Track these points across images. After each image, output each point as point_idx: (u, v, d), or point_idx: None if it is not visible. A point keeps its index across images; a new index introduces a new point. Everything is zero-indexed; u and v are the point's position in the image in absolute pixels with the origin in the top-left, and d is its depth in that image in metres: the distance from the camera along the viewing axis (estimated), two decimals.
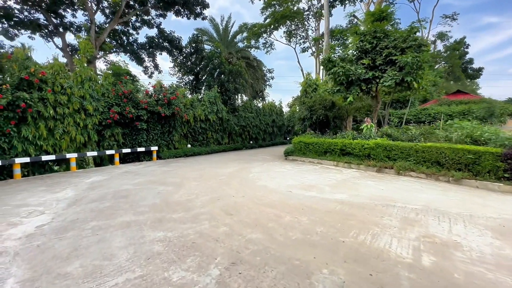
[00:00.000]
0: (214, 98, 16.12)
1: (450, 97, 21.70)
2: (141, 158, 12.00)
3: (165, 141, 13.03)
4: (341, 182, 6.90)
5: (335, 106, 13.68)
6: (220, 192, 5.93)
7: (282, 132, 25.25)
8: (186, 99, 14.12)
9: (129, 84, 11.18)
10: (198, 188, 6.35)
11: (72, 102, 9.13)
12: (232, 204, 4.94)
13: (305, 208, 4.66)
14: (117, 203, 5.13)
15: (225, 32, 21.77)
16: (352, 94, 10.10)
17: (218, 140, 17.03)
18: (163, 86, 12.22)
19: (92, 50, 10.76)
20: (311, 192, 5.79)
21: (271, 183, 6.87)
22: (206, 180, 7.24)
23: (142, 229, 3.80)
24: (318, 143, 10.98)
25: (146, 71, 18.57)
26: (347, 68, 9.75)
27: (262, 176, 7.80)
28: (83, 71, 9.72)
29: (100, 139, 10.58)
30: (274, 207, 4.73)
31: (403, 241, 3.30)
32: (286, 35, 38.89)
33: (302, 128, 15.01)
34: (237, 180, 7.22)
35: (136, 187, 6.53)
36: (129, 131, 11.35)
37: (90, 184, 6.92)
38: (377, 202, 4.95)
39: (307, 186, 6.45)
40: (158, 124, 12.36)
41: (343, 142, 9.80)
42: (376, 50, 10.64)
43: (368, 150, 8.89)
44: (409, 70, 9.30)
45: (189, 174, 8.34)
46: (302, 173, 8.27)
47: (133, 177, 7.91)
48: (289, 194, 5.64)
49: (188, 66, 18.25)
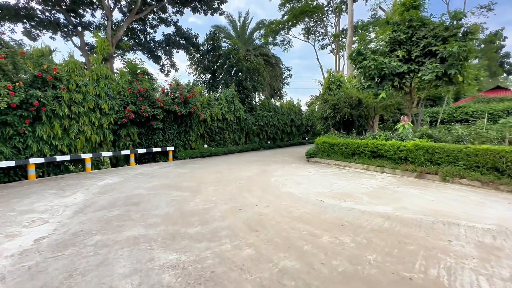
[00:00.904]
0: (232, 96, 15.53)
1: (488, 94, 19.74)
2: (157, 159, 11.62)
3: (182, 141, 12.59)
4: (378, 189, 5.98)
5: (362, 104, 12.60)
6: (241, 200, 5.23)
7: (300, 132, 24.28)
8: (203, 98, 13.62)
9: (145, 82, 10.80)
10: (216, 194, 5.69)
11: (87, 100, 8.83)
12: (256, 217, 4.22)
13: (346, 224, 3.85)
14: (127, 211, 4.58)
15: (242, 29, 21.16)
16: (384, 90, 9.07)
17: (235, 140, 16.44)
18: (179, 84, 11.77)
19: (108, 47, 10.52)
20: (347, 203, 4.95)
21: (297, 189, 6.09)
22: (225, 185, 6.59)
23: (152, 247, 3.18)
24: (344, 144, 10.04)
25: (162, 70, 18.36)
26: (380, 61, 8.74)
27: (285, 181, 7.03)
28: (99, 69, 9.42)
29: (116, 139, 10.27)
30: (307, 222, 3.95)
31: (496, 283, 2.43)
32: (304, 32, 37.74)
33: (324, 128, 14.04)
34: (259, 186, 6.50)
35: (150, 192, 5.99)
36: (145, 131, 10.99)
37: (102, 188, 6.48)
38: (433, 218, 4.03)
39: (340, 194, 5.61)
40: (174, 123, 11.93)
41: (375, 144, 8.80)
42: (412, 41, 9.53)
43: (406, 152, 7.86)
44: (453, 61, 8.15)
45: (206, 177, 7.73)
46: (330, 178, 7.42)
47: (147, 180, 7.42)
48: (321, 205, 4.84)
49: (205, 64, 17.81)
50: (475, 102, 17.41)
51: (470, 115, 15.58)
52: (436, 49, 8.66)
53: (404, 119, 8.36)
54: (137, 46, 16.49)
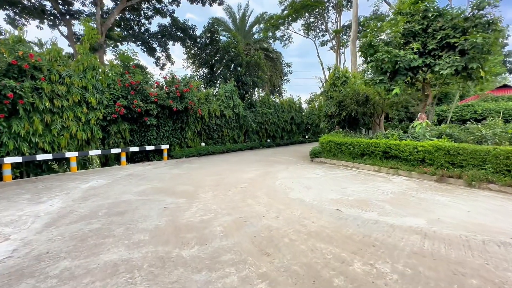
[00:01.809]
0: (231, 92, 14.74)
1: (495, 92, 19.20)
2: (151, 158, 10.81)
3: (177, 139, 11.79)
4: (399, 196, 5.29)
5: (369, 101, 11.91)
6: (246, 209, 4.49)
7: (300, 130, 23.58)
8: (201, 93, 12.82)
9: (137, 74, 9.96)
10: (216, 201, 4.94)
11: (72, 93, 7.98)
12: (265, 233, 3.48)
13: (377, 244, 3.13)
14: (109, 223, 3.81)
15: (242, 22, 20.29)
16: (398, 85, 8.36)
17: (234, 138, 15.67)
18: (175, 77, 10.94)
19: (97, 36, 9.63)
20: (369, 213, 4.24)
21: (307, 195, 5.36)
22: (225, 189, 5.84)
23: (134, 281, 2.42)
24: (353, 143, 9.34)
25: (157, 63, 17.38)
26: (394, 53, 8.01)
27: (292, 184, 6.31)
28: (86, 59, 8.56)
29: (105, 136, 9.44)
30: (328, 241, 3.23)
31: None
32: (304, 28, 36.86)
33: (328, 126, 13.33)
34: (264, 190, 5.76)
35: (139, 197, 5.21)
36: (137, 128, 10.17)
37: (85, 192, 5.68)
38: (481, 236, 3.34)
39: (357, 201, 4.90)
40: (169, 119, 11.12)
41: (387, 143, 8.11)
42: (428, 33, 8.82)
43: (423, 153, 7.17)
44: (475, 54, 7.47)
45: (204, 179, 6.97)
46: (341, 181, 6.71)
47: (138, 182, 6.63)
48: (339, 216, 4.12)
49: (203, 58, 16.94)
50: (482, 101, 16.84)
51: (479, 113, 15.00)
52: (455, 41, 7.96)
53: (421, 116, 7.67)
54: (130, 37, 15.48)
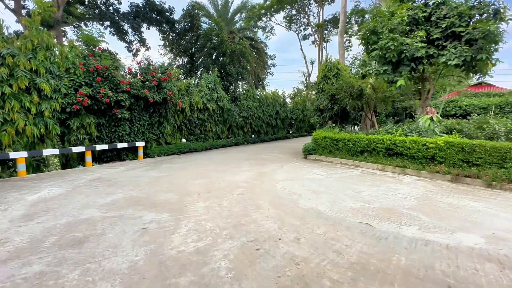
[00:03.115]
0: (214, 83, 13.44)
1: (473, 89, 19.85)
2: (123, 157, 9.29)
3: (154, 135, 10.34)
4: (425, 201, 4.55)
5: (364, 94, 11.32)
6: (252, 227, 3.44)
7: (285, 125, 22.86)
8: (181, 83, 11.41)
9: (105, 59, 8.35)
10: (210, 215, 3.84)
11: (17, 77, 6.30)
12: (293, 269, 2.47)
13: (452, 283, 2.26)
14: (58, 263, 2.57)
15: (224, 8, 18.83)
16: (403, 76, 7.71)
17: (218, 134, 14.43)
18: (151, 63, 9.44)
19: (52, 9, 7.86)
20: (407, 228, 3.41)
21: (320, 203, 4.45)
22: (219, 197, 4.73)
23: None
24: (352, 139, 8.63)
25: (129, 48, 15.26)
26: (401, 40, 7.31)
27: (296, 188, 5.37)
28: (36, 35, 6.85)
29: (65, 132, 7.81)
30: (386, 280, 2.30)
31: None
32: (286, 21, 36.03)
33: (319, 120, 12.62)
34: (266, 198, 4.74)
35: (107, 213, 3.94)
36: (106, 122, 8.60)
37: (31, 206, 4.27)
38: None
39: (383, 211, 4.07)
40: (145, 112, 9.64)
41: (392, 140, 7.47)
42: (431, 21, 8.28)
43: (433, 151, 6.58)
44: (484, 44, 7.00)
45: (191, 183, 5.78)
46: (349, 183, 5.90)
47: (107, 189, 5.28)
48: (374, 234, 3.23)
49: (182, 45, 15.34)
50: (465, 96, 17.21)
51: (464, 109, 15.23)
52: (461, 30, 7.45)
53: (431, 110, 7.08)
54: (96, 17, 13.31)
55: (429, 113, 7.00)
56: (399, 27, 7.64)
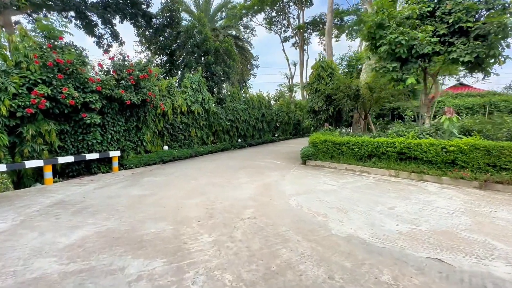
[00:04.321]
0: (198, 83, 12.19)
1: (453, 90, 20.50)
2: (94, 170, 7.75)
3: (132, 142, 8.89)
4: (477, 217, 3.81)
5: (360, 95, 10.77)
6: (290, 276, 2.40)
7: (270, 128, 22.03)
8: (162, 82, 10.06)
9: (68, 53, 6.83)
10: (224, 258, 2.73)
11: None
12: None
13: None
14: None
15: (206, 4, 17.60)
16: (411, 74, 7.14)
17: (203, 139, 13.14)
18: (127, 58, 8.04)
19: None
20: (495, 264, 2.58)
21: (357, 227, 3.53)
22: (227, 225, 3.62)
23: None
24: (357, 143, 7.91)
25: (100, 42, 13.27)
26: (412, 35, 6.72)
27: (315, 206, 4.42)
28: None
29: (16, 142, 6.20)
30: None
31: None
32: (266, 23, 35.54)
33: (314, 123, 11.87)
34: (287, 222, 3.72)
35: (71, 266, 2.68)
36: (71, 128, 7.08)
37: None
38: None
39: (439, 235, 3.24)
40: (120, 116, 8.19)
41: (405, 142, 6.82)
42: (435, 17, 7.84)
43: (454, 154, 6.00)
44: (495, 40, 6.61)
45: (184, 204, 4.59)
46: (370, 195, 5.08)
47: (71, 221, 3.93)
48: (463, 279, 2.36)
49: (161, 42, 13.89)
50: (448, 97, 17.55)
51: None
52: (469, 26, 7.05)
53: (449, 110, 6.53)
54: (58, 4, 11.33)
55: (447, 113, 6.46)
56: (408, 21, 7.07)
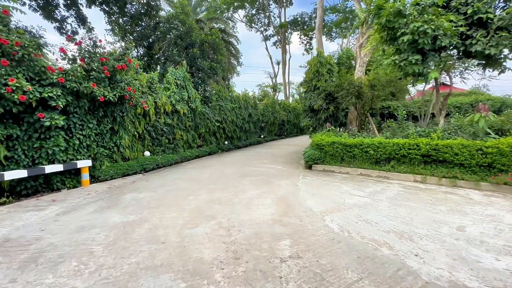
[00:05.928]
0: (183, 79, 10.74)
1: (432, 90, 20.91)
2: (56, 185, 6.04)
3: (106, 148, 7.27)
4: None
5: (362, 93, 10.07)
6: None
7: (256, 129, 20.97)
8: (142, 76, 8.51)
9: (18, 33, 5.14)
10: None
11: None
12: None
13: None
14: None
15: None
16: (434, 68, 6.45)
17: (189, 143, 11.68)
18: (99, 43, 6.42)
19: None
20: None
21: (448, 266, 2.55)
22: (265, 272, 2.42)
23: None
24: (372, 145, 7.09)
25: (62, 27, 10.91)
26: (438, 24, 6.01)
27: (366, 230, 3.40)
28: None
29: None
30: None
31: None
32: (247, 20, 34.45)
33: (313, 123, 10.98)
34: (348, 262, 2.62)
35: None
36: (24, 132, 5.38)
37: None
38: None
39: None
40: (91, 117, 6.57)
41: (432, 144, 6.09)
42: (450, 7, 7.28)
43: (492, 156, 5.34)
44: None
45: (191, 237, 3.29)
46: (418, 210, 4.17)
47: (15, 281, 2.47)
48: None
49: (137, 32, 12.15)
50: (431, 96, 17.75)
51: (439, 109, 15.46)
52: (490, 17, 6.53)
53: (484, 108, 5.89)
54: None
55: (482, 110, 5.83)
56: (431, 9, 6.37)
